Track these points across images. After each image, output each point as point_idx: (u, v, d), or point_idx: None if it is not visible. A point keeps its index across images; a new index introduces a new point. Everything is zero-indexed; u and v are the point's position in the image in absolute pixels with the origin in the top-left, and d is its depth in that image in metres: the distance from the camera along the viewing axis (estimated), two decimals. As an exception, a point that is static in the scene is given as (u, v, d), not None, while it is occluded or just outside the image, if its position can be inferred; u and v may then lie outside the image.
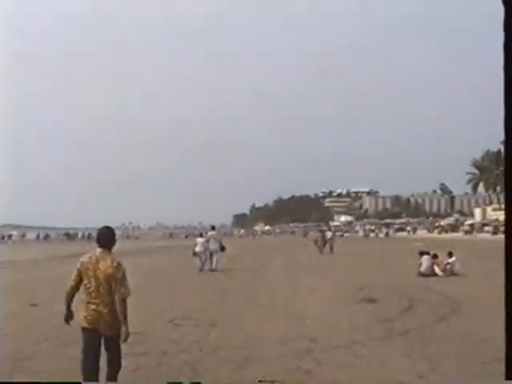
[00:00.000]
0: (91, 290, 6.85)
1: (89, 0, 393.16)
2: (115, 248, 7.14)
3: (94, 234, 7.47)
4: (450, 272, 23.29)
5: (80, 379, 6.86)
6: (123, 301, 6.82)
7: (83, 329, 6.94)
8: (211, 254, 28.46)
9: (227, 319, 13.66)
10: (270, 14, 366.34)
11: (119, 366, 7.05)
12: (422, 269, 23.27)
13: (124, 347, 7.14)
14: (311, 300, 16.94)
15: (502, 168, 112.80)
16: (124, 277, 6.91)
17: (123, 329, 6.81)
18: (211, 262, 28.33)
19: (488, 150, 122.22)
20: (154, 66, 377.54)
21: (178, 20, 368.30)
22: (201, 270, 28.17)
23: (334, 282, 22.24)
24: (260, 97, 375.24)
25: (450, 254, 24.03)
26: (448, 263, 23.61)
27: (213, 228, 30.94)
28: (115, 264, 6.89)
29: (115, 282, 6.80)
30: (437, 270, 23.30)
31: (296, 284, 21.59)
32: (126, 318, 6.80)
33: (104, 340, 6.96)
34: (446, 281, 21.52)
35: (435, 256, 24.01)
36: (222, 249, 28.78)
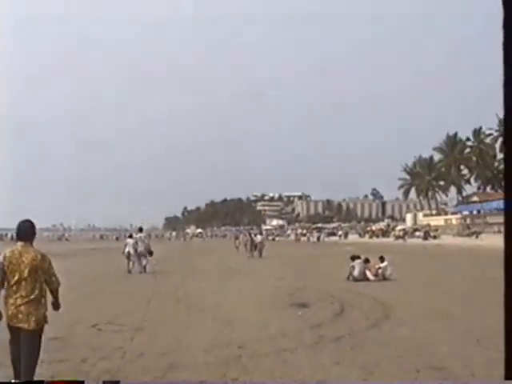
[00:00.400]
0: (13, 283, 6.76)
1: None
2: (43, 249, 6.94)
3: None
4: (381, 276, 23.14)
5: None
6: (56, 290, 7.14)
7: (7, 325, 6.91)
8: (139, 256, 28.25)
9: (153, 324, 13.14)
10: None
11: (34, 363, 6.84)
12: (355, 273, 23.04)
13: (42, 354, 6.89)
14: (240, 304, 16.55)
15: (433, 174, 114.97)
16: (51, 266, 7.00)
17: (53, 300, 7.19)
18: (140, 264, 28.14)
19: (420, 157, 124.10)
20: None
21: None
22: (129, 271, 27.98)
23: (263, 286, 21.93)
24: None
25: (382, 259, 23.88)
26: (380, 268, 23.45)
27: (140, 230, 30.57)
28: (39, 256, 6.87)
29: (44, 273, 6.86)
30: (368, 274, 23.11)
31: (225, 288, 21.16)
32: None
33: (22, 335, 6.80)
34: (378, 285, 21.32)
35: (367, 260, 23.84)
36: (150, 253, 28.64)
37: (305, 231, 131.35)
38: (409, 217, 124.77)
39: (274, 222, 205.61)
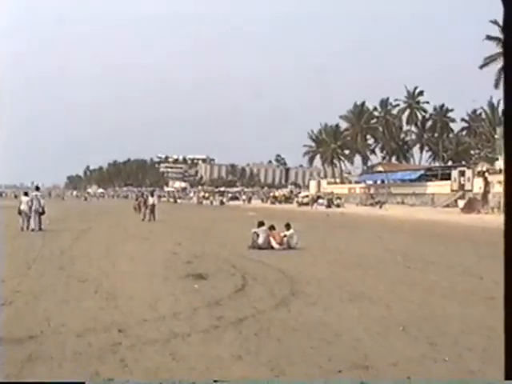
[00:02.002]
0: None
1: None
2: None
3: None
4: (286, 245, 21.64)
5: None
6: None
7: None
8: (34, 214, 28.35)
9: (24, 297, 11.14)
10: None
11: None
12: (259, 241, 21.47)
13: None
14: (129, 273, 14.68)
15: (339, 142, 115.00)
16: None
17: None
18: (34, 222, 28.27)
19: (326, 124, 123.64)
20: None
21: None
22: (21, 229, 27.87)
23: (158, 251, 20.01)
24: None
25: (288, 226, 22.33)
26: (285, 235, 21.93)
27: (37, 188, 31.47)
28: None
29: None
30: (273, 242, 21.55)
31: (116, 252, 19.33)
32: None
33: None
34: (283, 255, 19.72)
35: (272, 227, 22.26)
36: (42, 212, 28.76)
37: (207, 194, 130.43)
38: (312, 184, 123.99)
39: (177, 184, 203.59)
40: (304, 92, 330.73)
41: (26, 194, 30.27)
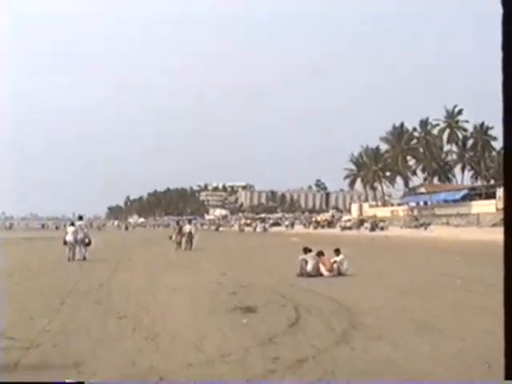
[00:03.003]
0: None
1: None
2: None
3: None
4: (336, 271, 20.42)
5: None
6: None
7: None
8: (79, 244, 28.57)
9: (54, 338, 9.98)
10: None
11: None
12: (307, 268, 20.27)
13: None
14: (171, 307, 13.52)
15: (379, 165, 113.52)
16: None
17: None
18: (79, 252, 28.50)
19: (367, 147, 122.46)
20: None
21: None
22: (68, 259, 27.75)
23: (202, 282, 18.81)
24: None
25: (338, 252, 21.13)
26: (335, 261, 20.71)
27: (80, 218, 31.13)
28: None
29: None
30: (323, 269, 20.34)
31: (157, 284, 18.20)
32: None
33: None
34: (334, 282, 18.51)
35: (320, 253, 21.04)
36: (88, 243, 28.79)
37: (248, 221, 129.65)
38: (354, 207, 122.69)
39: (218, 212, 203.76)
40: (344, 117, 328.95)
41: (72, 224, 30.38)
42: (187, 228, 40.09)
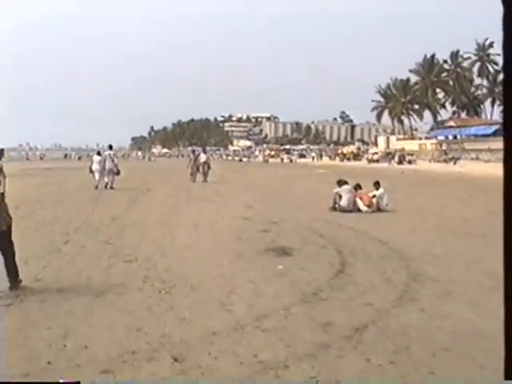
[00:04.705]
0: None
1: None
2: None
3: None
4: (375, 207, 18.40)
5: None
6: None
7: None
8: (108, 173, 28.40)
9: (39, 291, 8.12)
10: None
11: None
12: (342, 202, 18.26)
13: None
14: (192, 249, 11.47)
15: (408, 97, 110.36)
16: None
17: None
18: (108, 180, 28.35)
19: (395, 78, 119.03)
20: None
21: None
22: (96, 187, 27.70)
23: (226, 217, 16.80)
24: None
25: (377, 185, 19.05)
26: (374, 196, 18.67)
27: (110, 147, 30.94)
28: None
29: None
30: (360, 204, 18.33)
31: (176, 219, 16.26)
32: None
33: None
34: (375, 219, 16.52)
35: (358, 187, 18.99)
36: (117, 172, 28.73)
37: (273, 152, 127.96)
38: (381, 140, 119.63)
39: (242, 143, 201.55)
40: (369, 47, 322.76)
41: (98, 153, 30.91)
42: (202, 157, 36.47)
